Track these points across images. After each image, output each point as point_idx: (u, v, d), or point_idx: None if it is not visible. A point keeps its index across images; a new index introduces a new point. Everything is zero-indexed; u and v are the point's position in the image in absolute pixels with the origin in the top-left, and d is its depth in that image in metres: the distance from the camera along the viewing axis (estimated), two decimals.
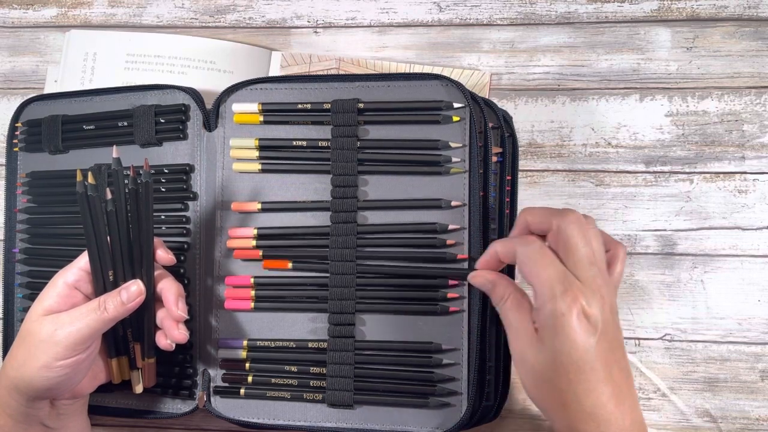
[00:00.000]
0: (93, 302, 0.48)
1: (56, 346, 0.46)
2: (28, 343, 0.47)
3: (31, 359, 0.46)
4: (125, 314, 0.49)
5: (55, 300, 0.48)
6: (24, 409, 0.48)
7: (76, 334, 0.46)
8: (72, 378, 0.48)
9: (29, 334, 0.47)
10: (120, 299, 0.48)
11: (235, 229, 0.57)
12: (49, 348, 0.46)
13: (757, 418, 0.58)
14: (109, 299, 0.48)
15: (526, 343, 0.43)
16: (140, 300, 0.49)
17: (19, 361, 0.47)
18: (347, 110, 0.55)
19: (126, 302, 0.49)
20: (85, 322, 0.47)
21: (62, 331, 0.46)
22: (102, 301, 0.48)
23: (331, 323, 0.55)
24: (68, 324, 0.47)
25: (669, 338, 0.60)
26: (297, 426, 0.55)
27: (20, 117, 0.62)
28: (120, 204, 0.50)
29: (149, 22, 0.68)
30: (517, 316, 0.45)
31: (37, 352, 0.46)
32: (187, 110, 0.58)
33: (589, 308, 0.41)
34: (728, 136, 0.61)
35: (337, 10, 0.66)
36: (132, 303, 0.49)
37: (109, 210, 0.49)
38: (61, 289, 0.49)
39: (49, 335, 0.46)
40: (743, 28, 0.62)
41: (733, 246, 0.60)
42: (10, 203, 0.62)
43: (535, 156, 0.62)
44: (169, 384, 0.57)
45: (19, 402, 0.47)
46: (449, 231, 0.54)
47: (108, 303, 0.48)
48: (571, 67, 0.63)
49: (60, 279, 0.49)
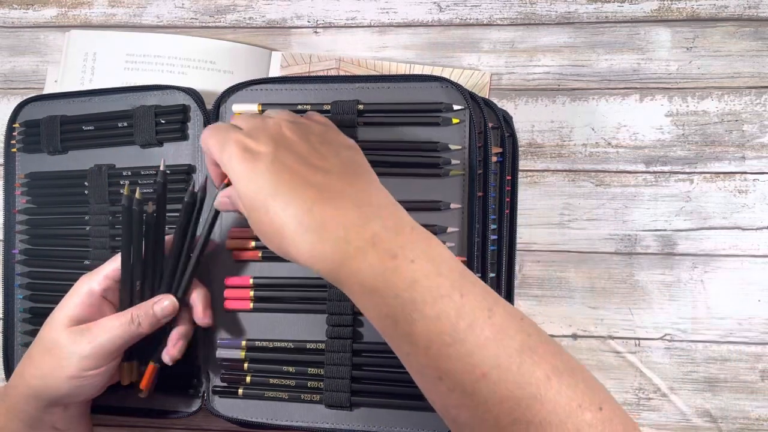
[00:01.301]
0: (125, 315, 0.48)
1: (86, 358, 0.46)
2: (54, 354, 0.47)
3: (58, 369, 0.46)
4: (156, 328, 0.49)
5: (80, 309, 0.48)
6: (39, 415, 0.48)
7: (108, 346, 0.47)
8: (98, 385, 0.48)
9: (55, 345, 0.47)
10: (153, 313, 0.49)
11: (235, 229, 0.57)
12: (79, 360, 0.46)
13: (757, 418, 0.58)
14: (141, 312, 0.48)
15: None
16: (172, 316, 0.50)
17: (44, 370, 0.47)
18: (347, 111, 0.55)
19: (159, 317, 0.49)
20: (116, 334, 0.47)
21: (94, 343, 0.47)
22: (135, 316, 0.48)
23: (329, 324, 0.55)
24: (99, 336, 0.47)
25: (669, 338, 0.60)
26: (296, 426, 0.55)
27: (18, 117, 0.62)
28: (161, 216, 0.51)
29: (149, 22, 0.68)
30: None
31: (66, 363, 0.46)
32: (187, 111, 0.58)
33: (248, 140, 0.42)
34: (728, 136, 0.61)
35: (337, 10, 0.66)
36: (165, 318, 0.50)
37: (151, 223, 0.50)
38: (86, 297, 0.49)
39: (79, 347, 0.46)
40: (743, 28, 0.62)
41: (733, 246, 0.60)
42: (9, 204, 0.62)
43: (535, 156, 0.62)
44: (171, 384, 0.57)
45: (35, 408, 0.48)
46: (448, 233, 0.54)
47: (141, 317, 0.48)
48: (571, 67, 0.63)
49: (85, 287, 0.49)
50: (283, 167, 0.40)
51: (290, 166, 0.41)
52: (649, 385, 0.59)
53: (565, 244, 0.61)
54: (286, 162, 0.41)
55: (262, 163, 0.40)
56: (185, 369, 0.57)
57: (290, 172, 0.40)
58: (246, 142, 0.41)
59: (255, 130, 0.42)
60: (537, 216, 0.62)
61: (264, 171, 0.40)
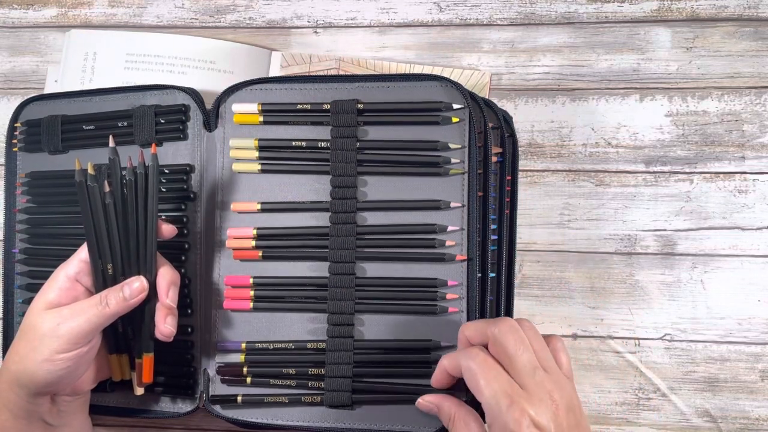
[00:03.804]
0: (95, 297, 0.48)
1: (58, 339, 0.46)
2: (30, 336, 0.47)
3: (33, 352, 0.47)
4: (127, 310, 0.49)
5: (57, 293, 0.49)
6: (25, 404, 0.48)
7: (77, 328, 0.47)
8: (73, 372, 0.48)
9: (31, 328, 0.48)
10: (122, 295, 0.49)
11: (235, 229, 0.57)
12: (51, 341, 0.46)
13: (757, 418, 0.58)
14: (111, 294, 0.48)
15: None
16: (142, 296, 0.50)
17: (21, 354, 0.47)
18: (347, 111, 0.55)
19: (128, 298, 0.49)
20: (86, 317, 0.47)
21: (64, 325, 0.47)
22: (104, 296, 0.48)
23: (330, 323, 0.55)
24: (69, 318, 0.47)
25: (669, 338, 0.60)
26: (296, 426, 0.55)
27: (19, 117, 0.62)
28: (118, 196, 0.50)
29: (149, 22, 0.68)
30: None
31: (40, 345, 0.47)
32: (187, 110, 0.58)
33: (538, 417, 0.41)
34: (728, 136, 0.61)
35: (337, 10, 0.66)
36: (134, 299, 0.49)
37: (107, 203, 0.50)
38: (63, 282, 0.49)
39: (50, 329, 0.47)
40: (743, 28, 0.62)
41: (733, 246, 0.60)
42: (9, 203, 0.62)
43: (535, 156, 0.62)
44: (170, 383, 0.57)
45: (20, 396, 0.47)
46: (448, 232, 0.54)
47: (110, 298, 0.48)
48: (571, 67, 0.63)
49: (61, 272, 0.50)
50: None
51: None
52: (649, 385, 0.59)
53: (565, 244, 0.61)
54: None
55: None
56: (181, 369, 0.57)
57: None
58: (532, 416, 0.41)
59: (541, 404, 0.42)
60: (537, 216, 0.62)
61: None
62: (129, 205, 0.51)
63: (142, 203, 0.51)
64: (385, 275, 0.55)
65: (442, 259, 0.54)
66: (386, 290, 0.55)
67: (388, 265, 0.55)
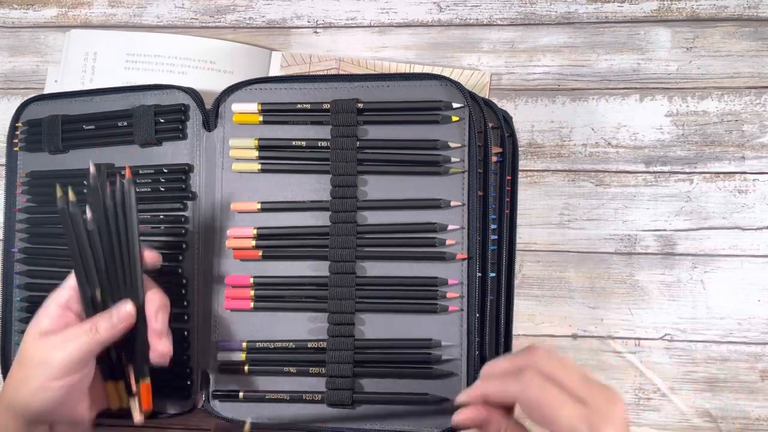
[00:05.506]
0: (85, 324, 0.48)
1: (51, 367, 0.46)
2: (24, 365, 0.47)
3: (27, 380, 0.46)
4: (117, 335, 0.48)
5: (49, 321, 0.48)
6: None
7: (68, 356, 0.46)
8: (69, 400, 0.48)
9: (26, 356, 0.47)
10: (111, 321, 0.48)
11: (235, 229, 0.57)
12: (44, 369, 0.46)
13: (757, 418, 0.58)
14: (100, 320, 0.48)
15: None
16: (131, 321, 0.49)
17: (17, 382, 0.47)
18: (347, 110, 0.55)
19: (117, 323, 0.48)
20: (77, 344, 0.47)
21: (55, 352, 0.46)
22: (93, 323, 0.48)
23: (330, 323, 0.54)
24: (60, 345, 0.47)
25: (669, 338, 0.60)
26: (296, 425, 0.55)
27: (20, 117, 0.62)
28: (101, 221, 0.49)
29: (149, 22, 0.68)
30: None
31: (33, 373, 0.46)
32: (186, 110, 0.58)
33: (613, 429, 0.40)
34: (728, 136, 0.61)
35: (337, 10, 0.66)
36: (123, 324, 0.48)
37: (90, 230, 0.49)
38: (54, 310, 0.49)
39: (43, 357, 0.46)
40: (743, 28, 0.62)
41: (733, 246, 0.60)
42: (9, 203, 0.62)
43: (535, 156, 0.62)
44: (167, 384, 0.57)
45: (17, 424, 0.47)
46: (449, 231, 0.54)
47: (99, 324, 0.48)
48: (571, 67, 0.63)
49: (53, 299, 0.49)
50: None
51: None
52: (649, 385, 0.59)
53: (564, 244, 0.61)
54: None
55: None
56: (178, 369, 0.56)
57: None
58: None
59: (610, 418, 0.41)
60: (537, 216, 0.62)
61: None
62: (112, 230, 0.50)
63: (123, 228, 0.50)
64: (385, 274, 0.55)
65: (443, 258, 0.54)
66: (387, 289, 0.55)
67: (389, 264, 0.55)
